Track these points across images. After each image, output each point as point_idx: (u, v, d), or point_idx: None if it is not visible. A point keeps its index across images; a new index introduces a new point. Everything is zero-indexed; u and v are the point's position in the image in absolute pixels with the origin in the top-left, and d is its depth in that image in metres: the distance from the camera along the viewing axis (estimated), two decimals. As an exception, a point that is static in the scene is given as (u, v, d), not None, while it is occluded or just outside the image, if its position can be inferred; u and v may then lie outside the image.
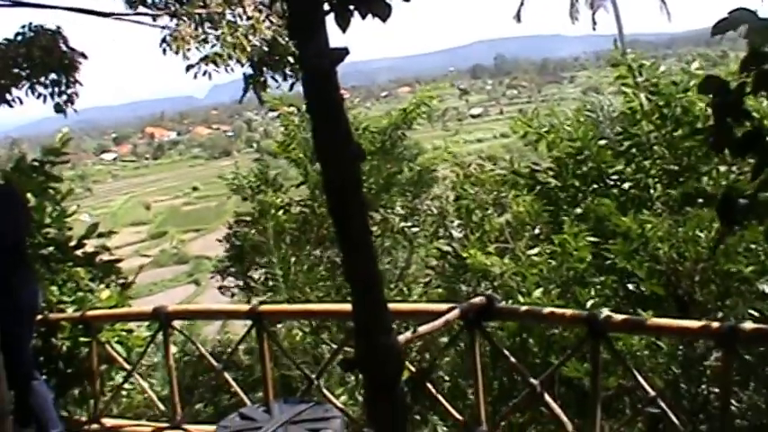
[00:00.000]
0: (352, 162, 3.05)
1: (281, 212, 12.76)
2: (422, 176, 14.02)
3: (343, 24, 3.16)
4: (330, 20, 3.10)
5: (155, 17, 11.67)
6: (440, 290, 11.31)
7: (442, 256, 12.03)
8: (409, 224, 13.37)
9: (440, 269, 12.14)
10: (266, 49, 11.30)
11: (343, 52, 3.08)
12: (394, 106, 15.34)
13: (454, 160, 13.93)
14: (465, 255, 9.56)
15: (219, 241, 13.58)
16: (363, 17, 3.15)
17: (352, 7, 3.15)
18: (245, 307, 7.47)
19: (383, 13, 3.13)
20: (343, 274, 12.30)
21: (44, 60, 11.43)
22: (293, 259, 12.35)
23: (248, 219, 13.08)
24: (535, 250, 8.87)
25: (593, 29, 44.50)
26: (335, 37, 3.11)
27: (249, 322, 6.73)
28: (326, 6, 3.11)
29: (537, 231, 10.13)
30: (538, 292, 7.66)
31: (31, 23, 11.52)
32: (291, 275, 12.13)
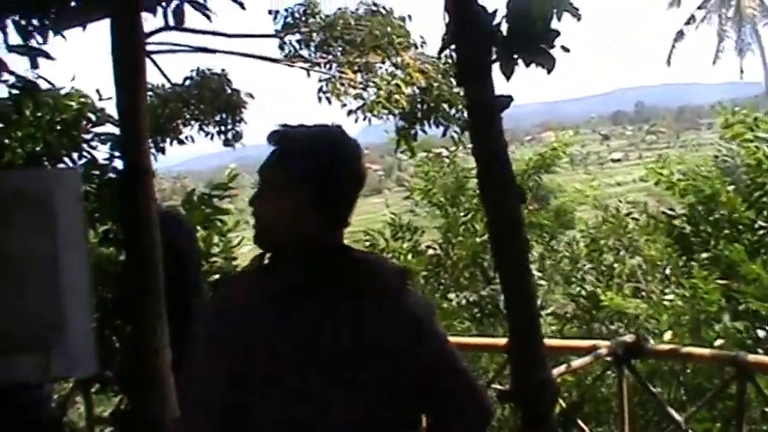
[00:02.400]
0: (514, 203, 3.05)
1: (410, 256, 12.75)
2: (560, 218, 13.90)
3: (508, 73, 3.17)
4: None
5: (314, 65, 11.98)
6: (574, 328, 11.20)
7: (576, 295, 11.90)
8: (547, 263, 13.26)
9: (574, 308, 12.03)
10: (420, 97, 11.43)
11: (509, 99, 3.09)
12: (537, 150, 15.26)
13: (593, 203, 13.78)
14: (602, 298, 9.49)
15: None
16: (527, 66, 3.16)
17: (516, 56, 3.17)
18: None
19: (549, 64, 3.14)
20: (479, 312, 12.30)
21: (213, 101, 11.86)
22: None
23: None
24: (669, 294, 8.78)
25: (741, 77, 43.15)
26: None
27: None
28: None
29: (668, 272, 9.99)
30: (668, 334, 7.58)
31: (199, 68, 12.02)
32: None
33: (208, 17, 5.58)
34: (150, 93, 11.13)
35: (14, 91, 5.65)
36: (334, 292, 2.24)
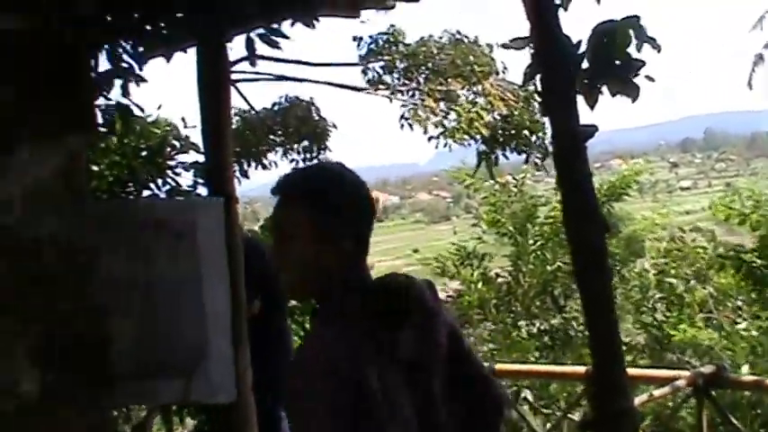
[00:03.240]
0: (598, 232, 3.00)
1: (480, 284, 12.64)
2: (630, 246, 13.69)
3: (591, 102, 3.14)
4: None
5: (397, 92, 12.01)
6: (645, 358, 11.01)
7: (647, 325, 11.70)
8: (617, 292, 13.04)
9: (645, 337, 11.82)
10: (501, 124, 11.39)
11: (593, 129, 3.05)
12: (606, 177, 15.08)
13: (662, 232, 13.56)
14: (672, 330, 9.33)
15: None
16: (613, 95, 3.12)
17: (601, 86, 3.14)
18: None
19: (634, 93, 3.10)
20: (550, 341, 12.14)
21: (299, 128, 11.97)
22: (494, 327, 12.23)
23: (452, 294, 13.04)
24: (743, 324, 8.58)
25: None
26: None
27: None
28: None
29: (739, 303, 9.79)
30: (746, 368, 7.39)
31: (287, 95, 12.16)
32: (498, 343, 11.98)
33: (278, 46, 5.58)
34: (236, 118, 11.29)
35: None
36: (403, 319, 2.29)
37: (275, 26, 5.40)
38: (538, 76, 3.15)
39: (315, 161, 12.16)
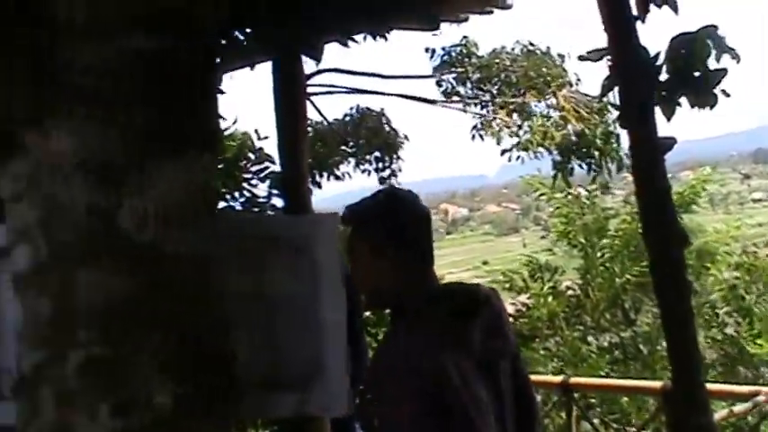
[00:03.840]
0: (677, 245, 2.95)
1: (550, 298, 12.49)
2: (701, 259, 13.42)
3: (669, 114, 3.09)
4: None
5: (469, 104, 11.98)
6: (716, 373, 10.81)
7: (719, 340, 11.48)
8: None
9: (717, 352, 11.60)
10: (574, 138, 11.26)
11: (672, 141, 3.00)
12: (675, 189, 14.78)
13: (735, 244, 13.28)
14: (749, 345, 9.13)
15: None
16: (692, 107, 3.08)
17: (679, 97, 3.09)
18: (556, 379, 7.34)
19: (711, 102, 3.06)
20: (622, 355, 11.95)
21: (371, 139, 12.00)
22: (563, 341, 12.08)
23: (521, 308, 12.91)
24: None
25: None
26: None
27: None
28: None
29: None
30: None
31: (358, 106, 12.20)
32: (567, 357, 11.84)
33: (346, 45, 5.59)
34: (309, 128, 11.36)
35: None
36: (472, 316, 2.44)
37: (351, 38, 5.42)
38: (615, 89, 3.11)
39: (387, 171, 12.18)
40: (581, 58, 3.35)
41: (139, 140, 1.44)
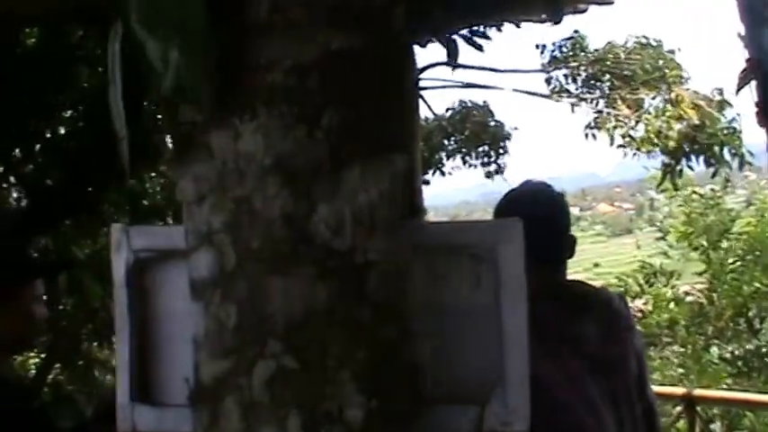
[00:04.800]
0: None
1: (671, 304, 12.23)
2: None
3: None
4: None
5: (581, 99, 11.84)
6: None
7: None
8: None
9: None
10: (692, 133, 11.02)
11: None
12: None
13: None
14: None
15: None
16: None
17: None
18: (678, 390, 7.20)
19: None
20: (745, 365, 11.61)
21: (477, 134, 11.97)
22: (683, 350, 11.82)
23: (640, 312, 12.68)
24: None
25: None
26: None
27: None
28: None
29: None
30: None
31: (464, 100, 12.18)
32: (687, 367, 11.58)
33: (480, 48, 5.57)
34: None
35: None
36: (583, 312, 2.47)
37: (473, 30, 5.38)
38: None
39: (493, 167, 12.12)
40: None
41: (331, 142, 1.42)
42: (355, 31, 1.46)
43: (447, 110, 12.23)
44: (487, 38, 5.38)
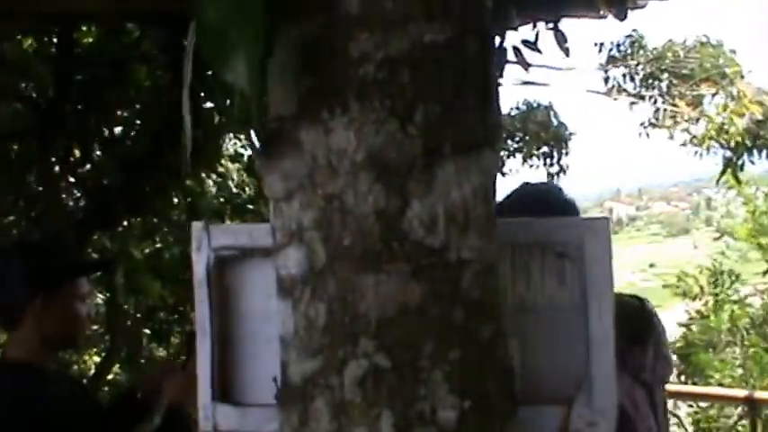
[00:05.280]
0: None
1: (735, 307, 12.06)
2: None
3: None
4: None
5: (640, 98, 11.75)
6: None
7: None
8: None
9: None
10: (754, 128, 10.90)
11: None
12: None
13: None
14: None
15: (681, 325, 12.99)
16: None
17: None
18: (740, 393, 7.11)
19: None
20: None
21: (538, 134, 11.92)
22: (745, 353, 11.65)
23: (699, 313, 12.51)
24: None
25: None
26: None
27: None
28: None
29: None
30: None
31: (526, 99, 12.13)
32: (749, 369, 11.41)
33: (539, 51, 5.52)
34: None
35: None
36: (646, 341, 2.42)
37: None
38: None
39: (555, 167, 12.06)
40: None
41: (423, 137, 1.41)
42: (446, 24, 1.44)
43: (511, 109, 12.21)
44: (563, 38, 5.29)
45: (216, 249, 1.80)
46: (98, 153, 7.30)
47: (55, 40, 7.11)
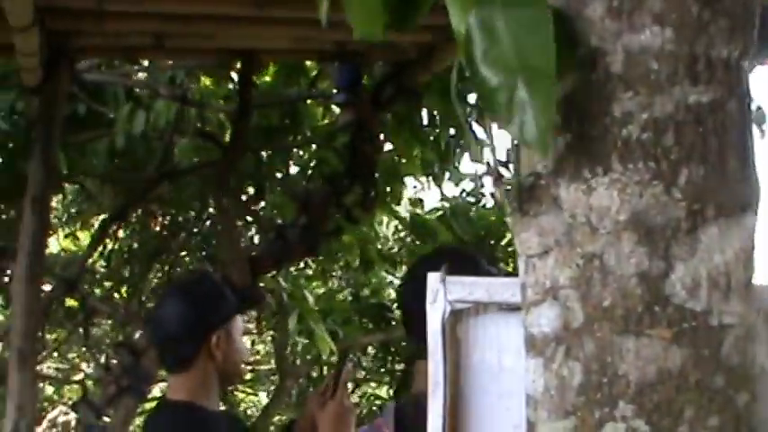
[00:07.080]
0: None
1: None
2: None
3: None
4: None
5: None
6: None
7: None
8: None
9: None
10: None
11: None
12: None
13: None
14: None
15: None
16: None
17: None
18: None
19: None
20: None
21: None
22: None
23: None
24: None
25: None
26: None
27: None
28: None
29: None
30: None
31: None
32: None
33: None
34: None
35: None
36: None
37: None
38: None
39: None
40: None
41: (687, 200, 1.45)
42: (710, 85, 1.48)
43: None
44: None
45: (452, 302, 1.88)
46: (272, 191, 7.56)
47: (234, 77, 7.44)
